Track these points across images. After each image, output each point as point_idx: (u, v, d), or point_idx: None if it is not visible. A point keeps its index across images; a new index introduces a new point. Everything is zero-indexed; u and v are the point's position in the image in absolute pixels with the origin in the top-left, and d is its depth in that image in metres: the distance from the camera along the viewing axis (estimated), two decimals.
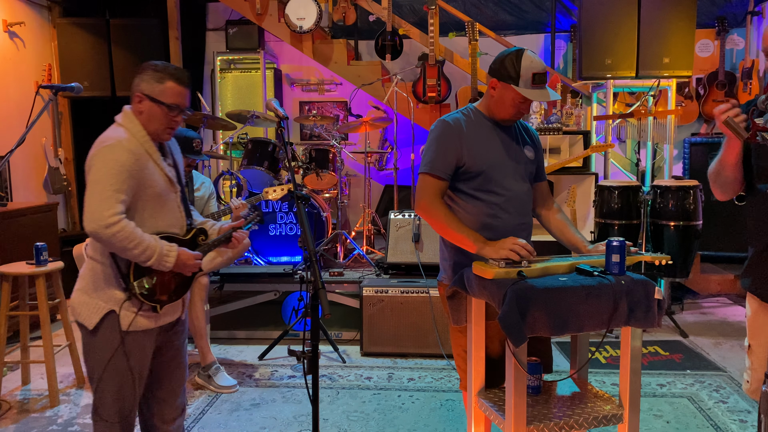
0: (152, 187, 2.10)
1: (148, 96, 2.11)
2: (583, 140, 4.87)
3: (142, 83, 2.12)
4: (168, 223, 2.17)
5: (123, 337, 2.10)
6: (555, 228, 2.42)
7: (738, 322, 4.72)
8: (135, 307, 2.11)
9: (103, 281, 2.11)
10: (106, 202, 1.98)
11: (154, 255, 2.04)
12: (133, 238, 2.00)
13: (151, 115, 2.12)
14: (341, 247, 5.03)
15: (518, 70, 2.16)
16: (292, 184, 2.24)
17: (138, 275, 2.09)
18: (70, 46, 5.98)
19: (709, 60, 6.14)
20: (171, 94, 2.12)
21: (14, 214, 4.49)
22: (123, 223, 1.99)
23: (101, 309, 2.10)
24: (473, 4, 6.28)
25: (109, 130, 2.12)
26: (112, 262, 2.09)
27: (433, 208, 2.21)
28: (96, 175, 2.01)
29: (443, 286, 2.39)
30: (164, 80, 2.11)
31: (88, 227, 1.99)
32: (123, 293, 2.10)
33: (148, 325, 2.16)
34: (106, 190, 1.99)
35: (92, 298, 2.11)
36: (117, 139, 2.06)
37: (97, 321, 2.10)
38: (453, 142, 2.23)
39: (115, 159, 2.01)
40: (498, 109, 2.26)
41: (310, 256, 1.94)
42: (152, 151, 2.13)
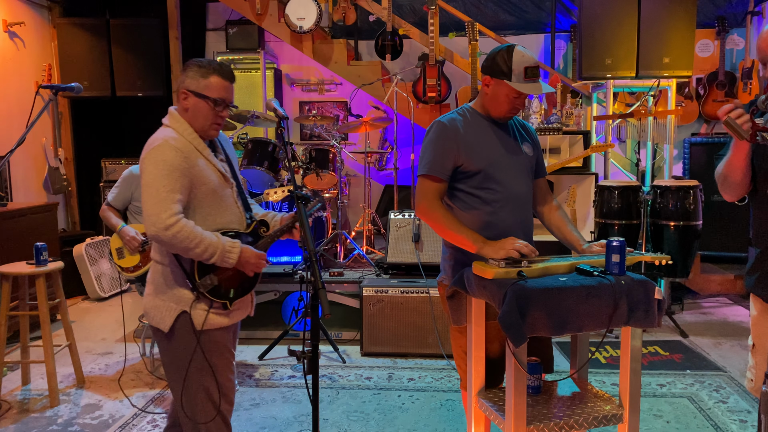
0: (206, 183, 2.09)
1: (193, 92, 2.10)
2: (583, 140, 4.87)
3: (187, 79, 2.11)
4: (227, 220, 2.16)
5: (199, 336, 2.09)
6: (553, 225, 2.42)
7: (738, 322, 4.72)
8: (206, 305, 2.11)
9: (170, 283, 2.11)
10: (161, 204, 1.97)
11: (217, 252, 2.04)
12: (193, 237, 1.99)
13: (196, 110, 2.11)
14: (341, 247, 5.03)
15: (510, 65, 2.17)
16: (293, 184, 2.23)
17: (202, 273, 2.09)
18: (70, 46, 5.98)
19: (709, 60, 6.14)
20: (216, 89, 2.10)
21: (14, 214, 4.49)
22: (182, 223, 1.99)
23: (173, 311, 2.10)
24: (473, 4, 6.27)
25: (156, 132, 2.12)
26: (176, 263, 2.08)
27: (433, 210, 2.22)
28: (148, 177, 2.01)
29: (443, 287, 2.39)
30: (208, 75, 2.10)
31: (149, 231, 1.99)
32: (191, 293, 2.09)
33: (224, 322, 2.16)
34: (160, 192, 1.98)
35: (163, 300, 2.11)
36: (164, 138, 2.05)
37: (171, 323, 2.10)
38: (450, 143, 2.23)
39: (163, 159, 2.01)
40: (493, 106, 2.27)
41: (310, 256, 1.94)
42: (201, 147, 2.12)
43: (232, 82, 2.16)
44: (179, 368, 2.12)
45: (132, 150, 6.31)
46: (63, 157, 5.89)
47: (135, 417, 3.26)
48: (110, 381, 3.73)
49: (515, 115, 2.35)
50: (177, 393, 2.15)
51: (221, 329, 2.16)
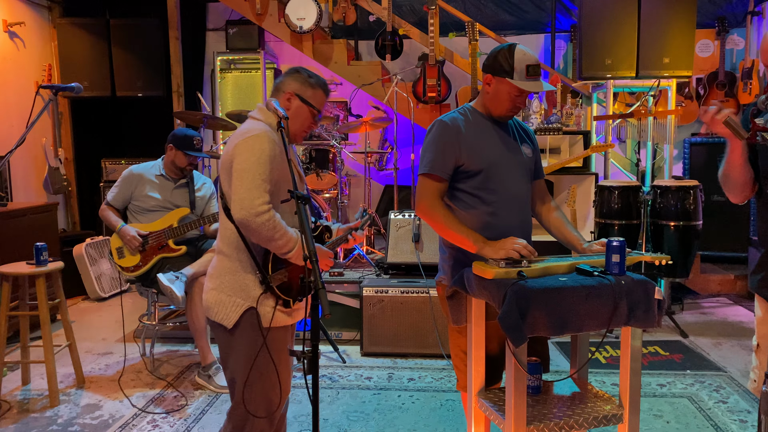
0: (287, 182, 2.11)
1: (300, 96, 2.19)
2: (583, 140, 4.87)
3: (295, 83, 2.20)
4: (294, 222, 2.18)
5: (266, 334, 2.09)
6: (552, 226, 2.42)
7: (738, 322, 4.72)
8: (272, 302, 2.12)
9: (237, 277, 2.11)
10: (256, 190, 1.99)
11: (296, 246, 2.06)
12: (279, 228, 2.02)
13: (297, 114, 2.19)
14: (341, 247, 5.03)
15: (512, 63, 2.18)
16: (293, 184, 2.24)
17: (275, 267, 2.10)
18: (70, 46, 5.98)
19: (709, 60, 6.14)
20: (319, 101, 2.22)
21: (14, 214, 4.49)
22: (271, 212, 2.01)
23: (240, 306, 2.10)
24: (473, 4, 6.28)
25: (248, 123, 2.15)
26: (248, 257, 2.10)
27: (433, 209, 2.22)
28: (244, 163, 2.02)
29: (442, 286, 2.39)
30: (316, 87, 2.21)
31: (238, 215, 1.99)
32: (260, 287, 2.10)
33: (286, 321, 2.18)
34: (255, 179, 2.00)
35: (229, 296, 2.11)
36: (261, 129, 2.09)
37: (236, 319, 2.10)
38: (451, 142, 2.23)
39: (262, 149, 2.04)
40: (494, 105, 2.27)
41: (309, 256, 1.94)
42: (288, 148, 2.15)
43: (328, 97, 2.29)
44: (242, 364, 2.11)
45: (132, 150, 6.32)
46: (63, 157, 5.89)
47: (135, 417, 3.26)
48: (110, 381, 3.74)
49: (516, 115, 2.36)
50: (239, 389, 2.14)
51: (283, 328, 2.17)
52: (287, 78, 2.22)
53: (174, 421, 3.20)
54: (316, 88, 2.21)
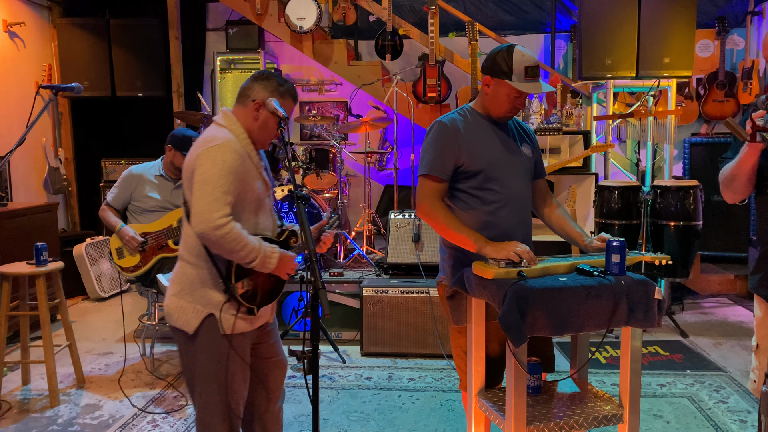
0: (252, 190, 2.11)
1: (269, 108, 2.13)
2: (583, 140, 4.87)
3: (264, 92, 2.13)
4: (263, 226, 2.19)
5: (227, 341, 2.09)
6: (555, 223, 2.43)
7: (738, 322, 4.72)
8: (234, 309, 2.11)
9: (201, 284, 2.10)
10: (216, 203, 1.97)
11: (259, 256, 2.04)
12: (240, 240, 2.00)
13: (265, 124, 2.13)
14: (341, 247, 5.03)
15: (510, 64, 2.18)
16: (293, 184, 2.24)
17: (239, 276, 2.09)
18: (70, 46, 5.98)
19: (709, 60, 6.14)
20: (288, 110, 2.17)
21: (14, 214, 4.49)
22: (231, 225, 1.99)
23: (200, 313, 2.09)
24: (473, 4, 6.27)
25: (212, 130, 2.12)
26: (211, 265, 2.08)
27: (434, 210, 2.22)
28: (204, 175, 2.00)
29: (443, 287, 2.39)
30: (286, 96, 2.15)
31: (197, 228, 1.98)
32: (222, 296, 2.09)
33: (246, 327, 2.16)
34: (215, 191, 1.98)
35: (190, 302, 2.10)
36: (225, 139, 2.06)
37: (197, 325, 2.09)
38: (450, 142, 2.23)
39: (223, 159, 2.01)
40: (493, 106, 2.27)
41: (310, 256, 1.94)
42: (253, 154, 2.14)
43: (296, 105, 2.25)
44: (201, 371, 2.11)
45: (132, 150, 6.32)
46: (63, 157, 5.89)
47: (135, 417, 3.26)
48: (110, 381, 3.73)
49: (515, 115, 2.36)
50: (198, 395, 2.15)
51: (243, 334, 2.16)
52: (257, 84, 2.14)
53: (174, 421, 3.20)
54: (286, 98, 2.15)
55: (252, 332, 2.20)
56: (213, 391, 2.11)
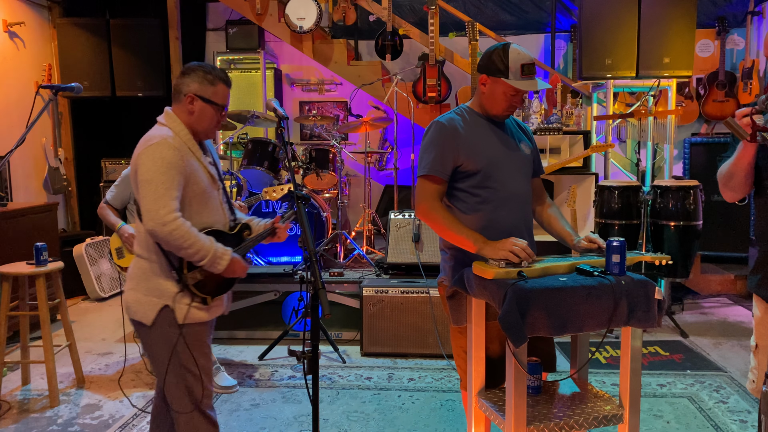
0: (197, 183, 2.16)
1: (201, 96, 2.18)
2: (584, 140, 4.87)
3: (194, 84, 2.18)
4: (212, 220, 2.23)
5: (181, 330, 2.15)
6: (545, 221, 2.44)
7: (738, 322, 4.72)
8: (188, 299, 2.17)
9: (154, 277, 2.16)
10: (160, 200, 2.04)
11: (208, 256, 2.10)
12: (188, 237, 2.06)
13: (202, 114, 2.19)
14: (341, 247, 5.02)
15: (506, 63, 2.18)
16: (292, 184, 2.24)
17: (191, 267, 2.15)
18: (70, 46, 5.98)
19: (709, 60, 6.14)
20: (222, 96, 2.21)
21: (14, 214, 4.49)
22: (179, 222, 2.05)
23: (156, 305, 2.15)
24: (473, 4, 6.27)
25: (152, 129, 2.18)
26: (163, 258, 2.14)
27: (433, 211, 2.22)
28: (146, 174, 2.06)
29: (443, 287, 2.39)
30: (216, 82, 2.19)
31: (147, 226, 2.05)
32: (175, 286, 2.15)
33: (203, 317, 2.22)
34: (158, 189, 2.04)
35: (145, 294, 2.17)
36: (162, 137, 2.12)
37: (153, 317, 2.15)
38: (449, 142, 2.23)
39: (162, 157, 2.07)
40: (490, 105, 2.27)
41: (310, 256, 1.94)
42: (195, 149, 2.19)
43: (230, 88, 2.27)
44: (162, 361, 2.18)
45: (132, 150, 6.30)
46: (63, 157, 5.89)
47: (135, 417, 3.26)
48: (110, 381, 3.73)
49: (513, 114, 2.36)
50: (160, 385, 2.22)
51: (201, 324, 2.22)
52: (185, 78, 2.19)
53: None
54: (217, 84, 2.19)
55: (210, 322, 2.27)
56: (177, 381, 2.18)
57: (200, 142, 2.26)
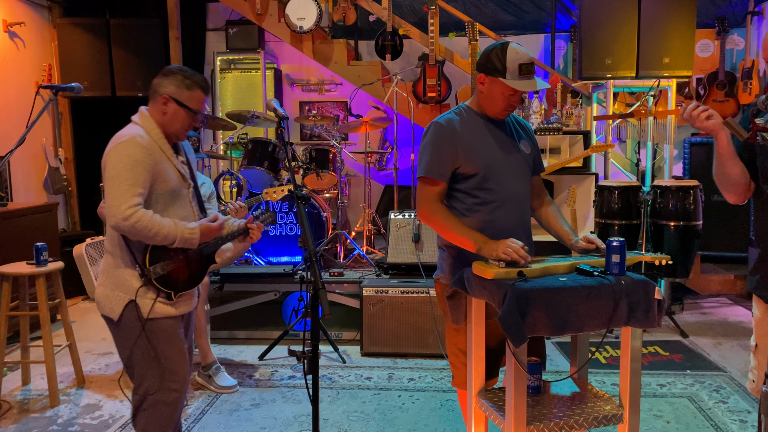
0: (166, 182, 2.21)
1: (176, 99, 2.23)
2: (583, 140, 4.87)
3: (171, 86, 2.23)
4: (181, 217, 2.27)
5: (148, 324, 2.19)
6: (544, 220, 2.44)
7: (738, 322, 4.72)
8: (153, 294, 2.21)
9: (119, 272, 2.21)
10: (122, 196, 2.09)
11: (178, 236, 2.17)
12: (152, 226, 2.11)
13: (174, 117, 2.25)
14: (341, 247, 5.03)
15: (504, 62, 2.16)
16: (292, 184, 2.24)
17: (153, 261, 2.19)
18: (70, 46, 5.98)
19: (709, 60, 6.14)
20: (197, 102, 2.27)
21: (14, 214, 4.49)
22: (140, 213, 2.10)
23: (122, 300, 2.20)
24: (473, 4, 6.27)
25: (125, 128, 2.24)
26: (127, 253, 2.19)
27: (434, 213, 2.23)
28: (112, 171, 2.12)
29: (440, 284, 2.40)
30: (193, 88, 2.25)
31: (110, 221, 2.11)
32: (139, 281, 2.19)
33: (170, 312, 2.25)
34: (122, 185, 2.10)
35: (112, 290, 2.21)
36: (130, 135, 2.17)
37: (120, 311, 2.20)
38: (447, 143, 2.23)
39: (128, 154, 2.12)
40: (489, 105, 2.27)
41: (310, 256, 1.94)
42: (166, 148, 2.24)
43: (208, 96, 2.33)
44: (132, 356, 2.23)
45: None
46: (63, 157, 5.89)
47: None
48: (110, 381, 3.73)
49: (512, 113, 2.35)
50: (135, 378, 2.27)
51: (170, 318, 2.25)
52: (164, 79, 2.24)
53: None
54: (193, 89, 2.24)
55: (179, 317, 2.30)
56: (148, 375, 2.23)
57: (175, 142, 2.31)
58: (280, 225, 4.76)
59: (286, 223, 4.76)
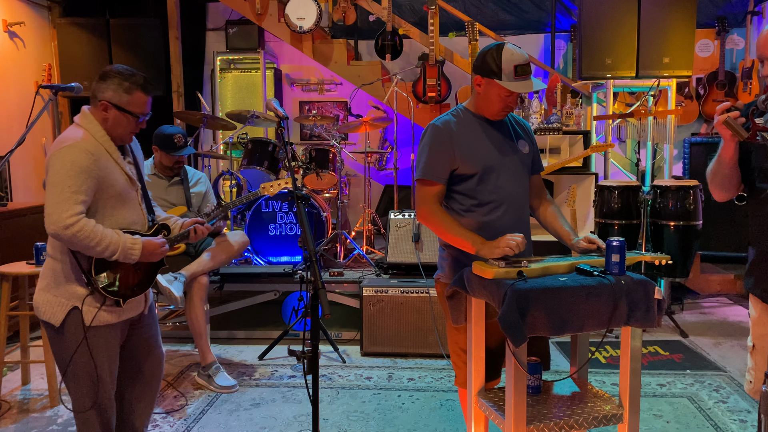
0: (112, 186, 2.15)
1: (116, 105, 2.16)
2: (583, 140, 4.87)
3: (108, 91, 2.16)
4: (130, 221, 2.23)
5: (86, 332, 2.14)
6: (544, 219, 2.43)
7: (738, 322, 4.71)
8: (98, 302, 2.17)
9: (64, 278, 2.16)
10: (64, 203, 2.02)
11: (118, 249, 2.11)
12: (94, 236, 2.05)
13: (116, 122, 2.18)
14: (341, 247, 5.03)
15: (499, 64, 2.15)
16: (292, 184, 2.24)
17: (99, 270, 2.15)
18: (70, 46, 5.98)
19: (709, 60, 6.14)
20: (139, 105, 2.18)
21: (14, 214, 4.49)
22: (82, 223, 2.04)
23: (65, 306, 2.15)
24: (473, 4, 6.28)
25: (67, 130, 2.16)
26: (73, 259, 2.14)
27: (433, 215, 2.23)
28: (54, 177, 2.05)
29: (440, 284, 2.40)
30: (132, 91, 2.16)
31: (48, 229, 2.04)
32: (85, 289, 2.15)
33: (111, 319, 2.21)
34: (64, 192, 2.03)
35: (55, 296, 2.16)
36: (75, 139, 2.09)
37: (62, 318, 2.15)
38: (444, 145, 2.23)
39: (72, 160, 2.05)
40: (485, 106, 2.26)
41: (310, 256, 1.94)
42: (112, 150, 2.18)
43: (151, 95, 2.23)
44: (65, 361, 2.19)
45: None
46: None
47: None
48: None
49: (509, 113, 2.35)
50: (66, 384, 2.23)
51: (109, 326, 2.21)
52: (100, 84, 2.17)
53: (174, 421, 3.20)
54: (133, 92, 2.15)
55: (119, 325, 2.25)
56: (83, 383, 2.19)
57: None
58: (280, 225, 4.76)
59: (286, 223, 4.75)
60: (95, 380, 2.19)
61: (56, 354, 2.23)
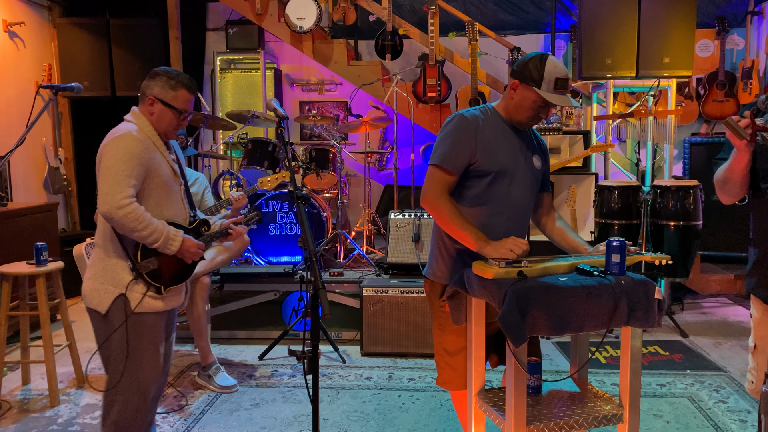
0: (159, 176, 2.27)
1: (161, 100, 2.31)
2: (583, 140, 4.87)
3: (156, 88, 2.31)
4: (173, 213, 2.33)
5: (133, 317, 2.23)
6: (556, 235, 2.43)
7: (738, 322, 4.72)
8: (143, 288, 2.26)
9: (111, 266, 2.26)
10: (118, 185, 2.15)
11: (161, 238, 2.22)
12: (142, 220, 2.17)
13: (161, 116, 2.32)
14: (341, 247, 5.03)
15: (542, 73, 2.15)
16: (292, 184, 2.24)
17: (144, 256, 2.25)
18: (70, 46, 5.98)
19: (709, 60, 6.14)
20: (182, 101, 2.33)
21: (14, 214, 4.49)
22: (134, 206, 2.16)
23: (111, 293, 2.24)
24: (473, 4, 6.28)
25: (119, 125, 2.30)
26: (119, 247, 2.24)
27: (439, 202, 2.20)
28: (108, 162, 2.19)
29: (429, 282, 2.40)
30: (177, 88, 2.32)
31: (102, 208, 2.16)
32: (130, 275, 2.24)
33: (157, 306, 2.30)
34: (118, 175, 2.16)
35: (102, 283, 2.25)
36: (127, 130, 2.24)
37: (108, 305, 2.24)
38: (468, 137, 2.21)
39: (125, 147, 2.20)
40: (517, 111, 2.25)
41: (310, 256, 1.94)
42: (159, 144, 2.32)
43: (195, 95, 2.39)
44: (113, 349, 2.26)
45: None
46: (63, 157, 5.89)
47: None
48: None
49: (536, 124, 2.35)
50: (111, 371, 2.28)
51: (155, 314, 2.30)
52: (149, 81, 2.33)
53: (174, 421, 3.20)
54: (178, 89, 2.31)
55: (164, 314, 2.35)
56: (125, 369, 2.25)
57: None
58: (280, 225, 4.76)
59: (286, 223, 4.76)
60: (136, 367, 2.26)
61: (101, 341, 2.29)
